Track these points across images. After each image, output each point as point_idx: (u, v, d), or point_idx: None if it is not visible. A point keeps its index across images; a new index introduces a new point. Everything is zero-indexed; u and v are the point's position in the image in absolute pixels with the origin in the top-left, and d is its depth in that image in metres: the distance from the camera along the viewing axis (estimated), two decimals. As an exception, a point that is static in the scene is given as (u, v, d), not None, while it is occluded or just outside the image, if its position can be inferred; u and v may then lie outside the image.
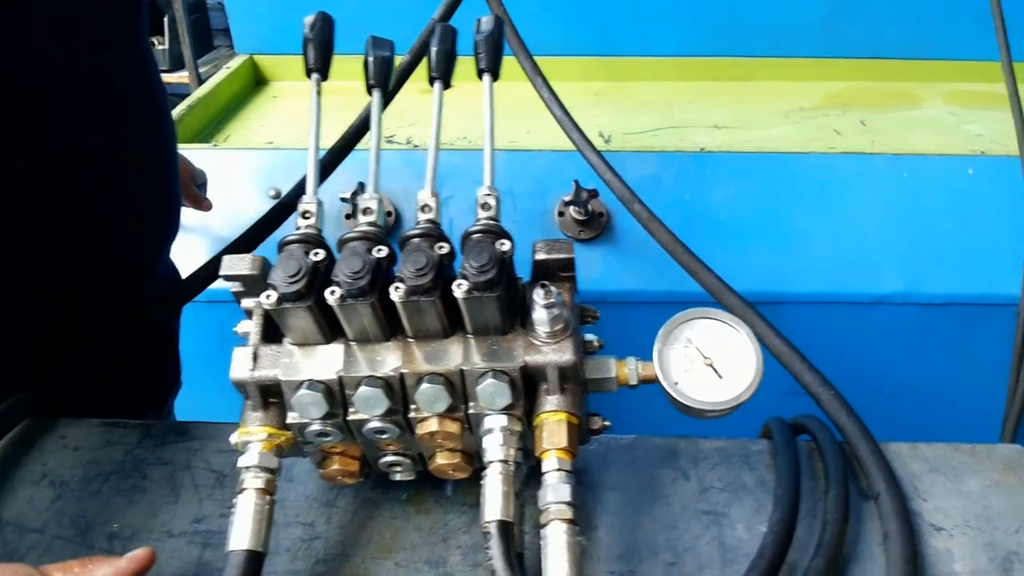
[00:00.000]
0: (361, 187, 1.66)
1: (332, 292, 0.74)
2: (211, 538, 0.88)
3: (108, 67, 0.99)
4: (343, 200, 1.67)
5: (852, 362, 1.69)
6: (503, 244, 0.75)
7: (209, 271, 1.21)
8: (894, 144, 1.84)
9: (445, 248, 0.76)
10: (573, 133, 1.44)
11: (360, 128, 1.37)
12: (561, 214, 1.73)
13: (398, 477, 0.89)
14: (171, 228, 1.18)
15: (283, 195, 1.72)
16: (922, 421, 1.82)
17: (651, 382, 0.82)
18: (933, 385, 1.79)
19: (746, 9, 2.16)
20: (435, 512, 0.90)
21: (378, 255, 0.76)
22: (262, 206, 1.69)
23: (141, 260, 1.14)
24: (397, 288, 0.73)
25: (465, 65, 0.87)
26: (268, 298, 0.74)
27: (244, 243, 1.26)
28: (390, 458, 0.86)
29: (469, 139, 1.89)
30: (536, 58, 1.48)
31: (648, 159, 1.76)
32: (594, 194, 1.66)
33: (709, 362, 0.81)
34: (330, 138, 1.30)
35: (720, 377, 0.80)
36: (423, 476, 0.89)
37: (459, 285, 0.73)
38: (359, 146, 1.30)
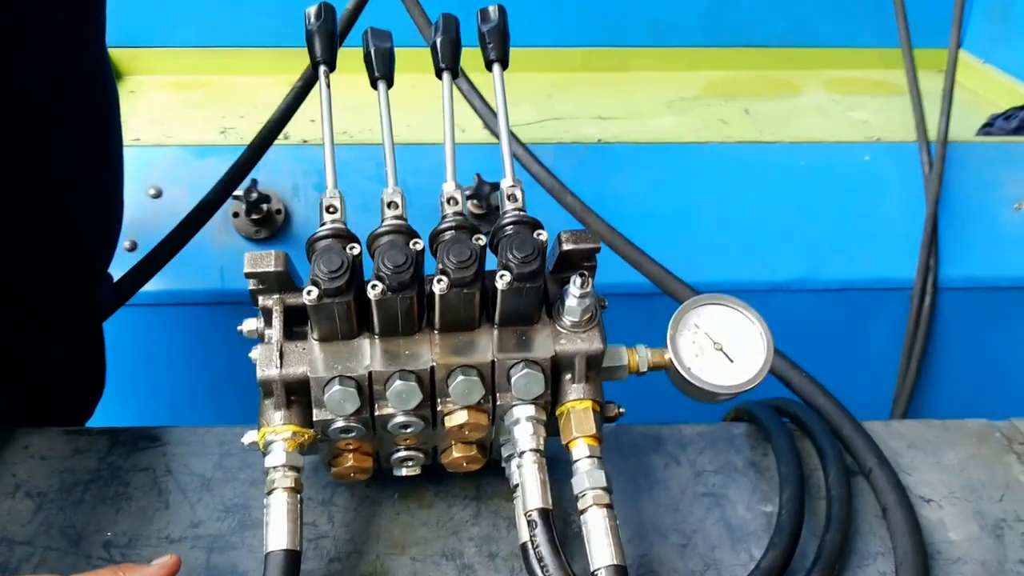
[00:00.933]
0: (254, 184, 1.67)
1: (374, 287, 0.77)
2: (215, 541, 0.90)
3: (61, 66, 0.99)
4: (235, 198, 1.67)
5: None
6: (541, 234, 0.81)
7: (138, 276, 1.21)
8: (782, 132, 1.99)
9: (482, 240, 0.81)
10: (495, 125, 1.50)
11: (281, 120, 1.39)
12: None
13: (405, 472, 0.93)
14: (119, 228, 1.18)
15: (163, 192, 1.73)
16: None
17: (661, 369, 0.90)
18: (828, 369, 1.95)
19: (623, -1, 2.27)
20: (438, 506, 0.95)
21: (416, 248, 0.80)
22: (143, 206, 1.68)
23: (92, 265, 1.14)
24: (440, 281, 0.78)
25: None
26: (310, 294, 0.77)
27: (170, 244, 1.27)
28: (403, 453, 0.90)
29: (350, 134, 1.92)
30: (412, 50, 1.54)
31: (546, 151, 1.83)
32: (495, 187, 1.73)
33: (719, 346, 0.90)
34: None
35: (731, 361, 0.89)
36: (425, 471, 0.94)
37: (502, 276, 0.79)
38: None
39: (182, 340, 1.76)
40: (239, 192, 1.65)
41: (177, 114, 2.05)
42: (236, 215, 1.71)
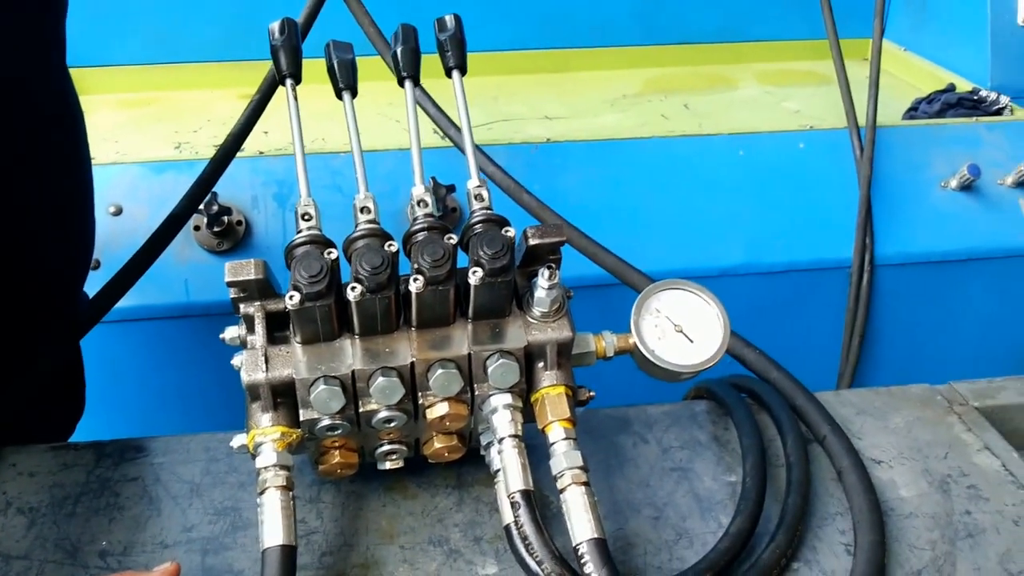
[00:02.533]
0: (214, 197, 1.67)
1: (353, 289, 0.79)
2: (208, 544, 0.91)
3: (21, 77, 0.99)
4: (196, 212, 1.67)
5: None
6: (509, 231, 0.84)
7: (111, 293, 1.21)
8: (720, 125, 2.02)
9: (454, 239, 0.83)
10: (449, 128, 1.52)
11: (242, 133, 1.39)
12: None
13: (388, 465, 0.95)
14: (92, 244, 1.18)
15: (123, 210, 1.73)
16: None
17: (626, 353, 0.93)
18: (777, 347, 1.99)
19: (561, 2, 2.30)
20: (421, 496, 0.97)
21: (391, 250, 0.82)
22: (105, 224, 1.67)
23: (66, 282, 1.14)
24: (416, 280, 0.80)
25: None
26: (292, 299, 0.79)
27: (140, 261, 1.27)
28: (387, 447, 0.92)
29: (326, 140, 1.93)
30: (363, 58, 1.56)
31: (497, 152, 1.85)
32: (452, 189, 1.75)
33: (680, 328, 0.93)
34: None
35: (691, 341, 0.92)
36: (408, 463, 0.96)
37: (474, 272, 0.81)
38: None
39: (152, 354, 1.75)
40: (200, 206, 1.66)
41: (130, 131, 2.04)
42: (197, 228, 1.71)
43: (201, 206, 1.65)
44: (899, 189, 1.86)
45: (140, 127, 2.07)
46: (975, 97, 1.99)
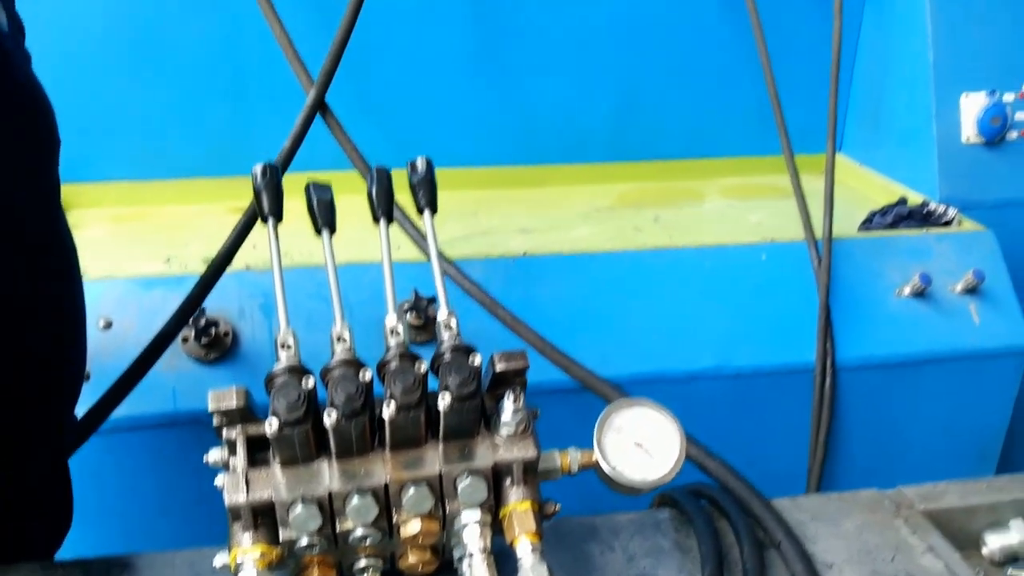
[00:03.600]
0: (202, 310, 1.71)
1: (330, 415, 0.83)
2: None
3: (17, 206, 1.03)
4: (187, 325, 1.71)
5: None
6: (475, 359, 0.88)
7: (100, 410, 1.25)
8: (689, 237, 2.08)
9: (424, 367, 0.87)
10: (426, 246, 1.57)
11: (227, 255, 1.44)
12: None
13: (364, 580, 0.97)
14: (84, 365, 1.21)
15: (113, 323, 1.76)
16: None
17: (590, 468, 0.97)
18: (746, 446, 2.02)
19: (538, 120, 2.38)
20: (398, 609, 0.99)
21: (365, 378, 0.86)
22: (95, 338, 1.70)
23: (61, 402, 1.17)
24: (389, 406, 0.84)
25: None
26: (271, 426, 0.83)
27: (129, 378, 1.30)
28: (364, 562, 0.95)
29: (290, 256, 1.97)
30: (343, 173, 1.62)
31: (475, 266, 1.91)
32: (432, 300, 1.80)
33: (640, 444, 0.96)
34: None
35: (651, 456, 0.96)
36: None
37: (443, 398, 0.85)
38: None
39: (140, 464, 1.77)
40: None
41: (121, 245, 2.06)
42: (185, 340, 1.74)
43: (190, 318, 1.69)
44: (856, 296, 1.91)
45: (130, 241, 2.09)
46: (925, 210, 2.06)
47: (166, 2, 2.07)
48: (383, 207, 0.99)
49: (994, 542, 1.13)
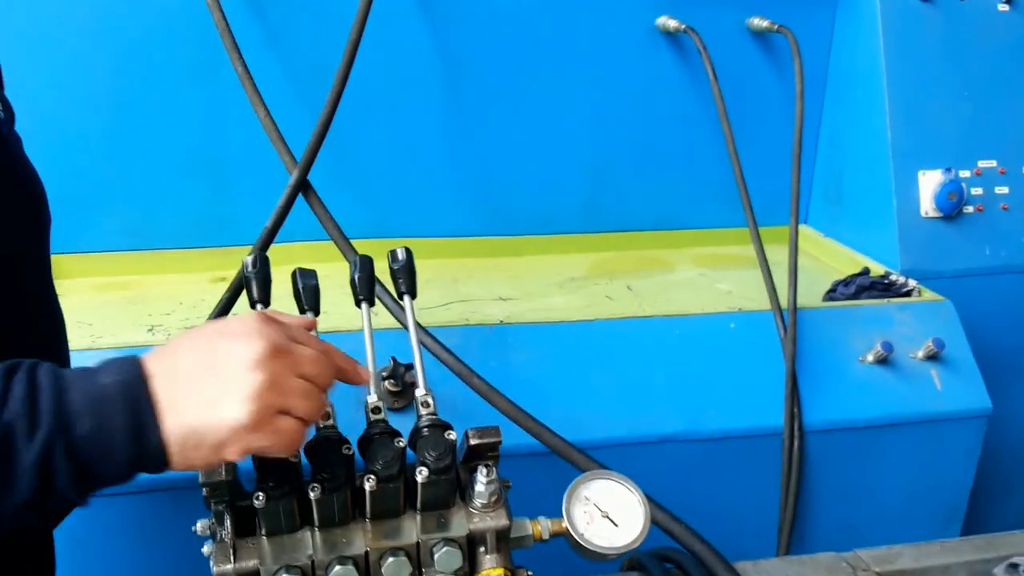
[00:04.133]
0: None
1: (314, 489, 0.88)
2: None
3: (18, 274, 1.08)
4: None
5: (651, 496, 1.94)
6: (451, 434, 0.94)
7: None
8: (660, 306, 2.15)
9: (402, 442, 0.93)
10: (403, 316, 1.62)
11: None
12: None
13: (346, 645, 1.01)
14: None
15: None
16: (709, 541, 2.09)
17: (560, 535, 1.02)
18: (716, 509, 2.06)
19: (514, 193, 2.45)
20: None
21: (347, 453, 0.91)
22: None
23: None
24: (369, 480, 0.89)
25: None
26: (258, 499, 0.87)
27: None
28: (345, 627, 0.99)
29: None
30: (318, 244, 1.67)
31: (454, 333, 1.95)
32: (409, 367, 1.84)
33: (605, 514, 1.02)
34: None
35: (616, 525, 1.01)
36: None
37: (420, 472, 0.90)
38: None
39: (125, 529, 1.79)
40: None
41: (105, 315, 2.06)
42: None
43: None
44: (821, 363, 1.97)
45: (115, 310, 2.09)
46: (886, 280, 2.13)
47: (153, 80, 2.12)
48: (365, 292, 1.04)
49: (947, 603, 1.18)
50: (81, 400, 0.76)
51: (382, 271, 1.15)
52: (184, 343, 0.84)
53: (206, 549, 0.93)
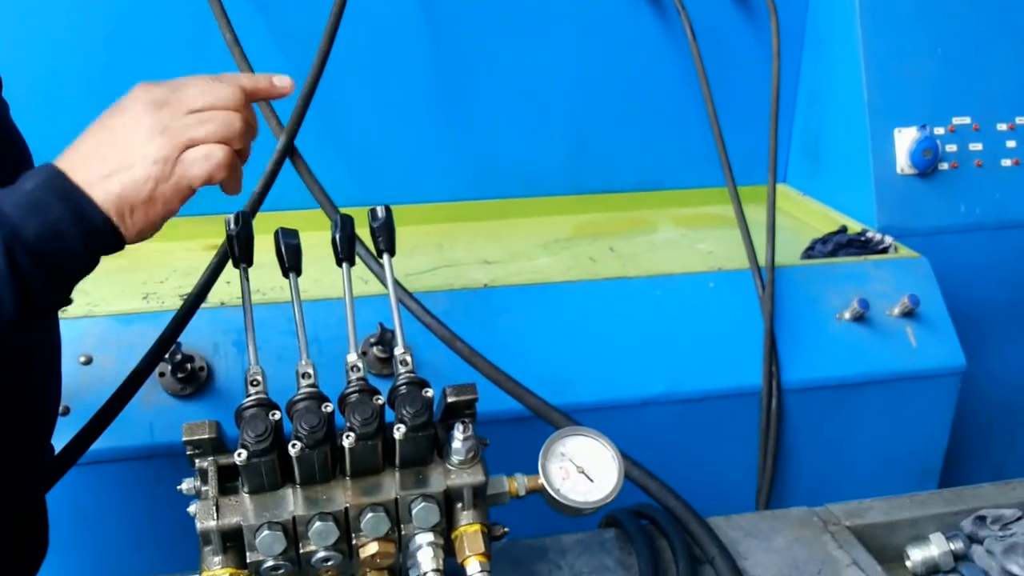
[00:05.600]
0: (178, 345, 1.76)
1: (294, 446, 0.89)
2: None
3: None
4: (164, 360, 1.75)
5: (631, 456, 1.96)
6: (428, 392, 0.95)
7: (77, 446, 1.29)
8: (643, 266, 2.16)
9: (381, 400, 0.94)
10: (382, 274, 1.62)
11: (199, 295, 1.48)
12: (365, 353, 1.88)
13: (328, 599, 1.03)
14: (57, 405, 1.26)
15: (93, 359, 1.79)
16: (691, 500, 2.11)
17: (536, 492, 1.03)
18: (697, 469, 2.09)
19: (498, 157, 2.45)
20: (360, 626, 1.05)
21: (327, 411, 0.92)
22: (76, 373, 1.74)
23: (35, 437, 1.21)
24: (348, 437, 0.90)
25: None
26: (240, 456, 0.88)
27: (104, 415, 1.34)
28: (327, 582, 1.01)
29: (263, 292, 2.02)
30: (314, 212, 1.68)
31: (439, 298, 1.96)
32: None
33: (581, 469, 1.03)
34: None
35: (591, 481, 1.02)
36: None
37: (398, 428, 0.91)
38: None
39: (119, 495, 1.80)
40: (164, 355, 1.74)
41: (101, 284, 2.07)
42: (162, 375, 1.78)
43: (165, 355, 1.74)
44: (799, 321, 1.99)
45: (110, 279, 2.11)
46: (863, 238, 2.15)
47: (142, 49, 2.12)
48: (346, 252, 1.05)
49: (916, 555, 1.20)
50: (15, 207, 0.81)
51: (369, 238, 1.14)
52: (83, 134, 0.91)
53: (192, 508, 0.95)
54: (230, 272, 1.54)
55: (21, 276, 0.80)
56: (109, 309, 1.87)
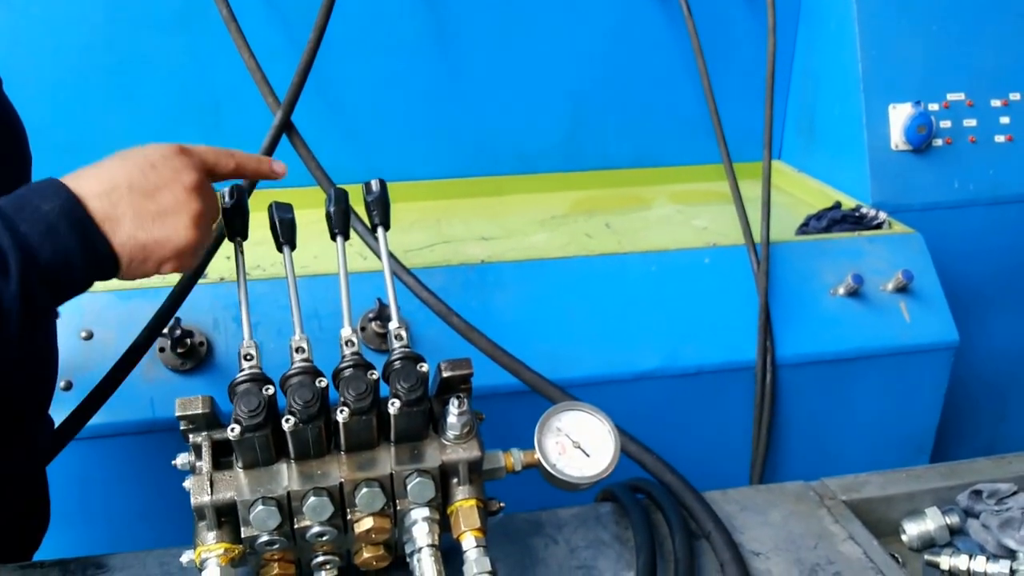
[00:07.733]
0: (178, 321, 1.74)
1: (287, 420, 0.87)
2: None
3: None
4: (161, 335, 1.73)
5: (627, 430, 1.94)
6: (422, 366, 0.92)
7: (77, 419, 1.27)
8: (638, 242, 2.13)
9: (376, 374, 0.91)
10: (377, 248, 1.60)
11: (196, 272, 1.46)
12: (363, 329, 1.86)
13: (324, 575, 1.01)
14: (55, 377, 1.24)
15: (94, 334, 1.77)
16: (686, 474, 2.10)
17: (532, 467, 1.01)
18: (693, 444, 2.07)
19: (496, 134, 2.42)
20: (358, 602, 1.03)
21: (321, 385, 0.90)
22: (77, 348, 1.72)
23: (30, 414, 1.19)
24: (342, 411, 0.88)
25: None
26: (233, 431, 0.86)
27: (104, 388, 1.32)
28: (322, 558, 0.98)
29: (263, 268, 1.99)
30: (312, 189, 1.65)
31: (436, 273, 1.94)
32: (396, 309, 1.83)
33: (577, 444, 1.00)
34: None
35: (588, 456, 1.00)
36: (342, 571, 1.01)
37: (392, 403, 0.89)
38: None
39: (119, 469, 1.79)
40: (164, 329, 1.72)
41: None
42: (162, 350, 1.76)
43: (165, 330, 1.71)
44: (794, 297, 1.96)
45: None
46: (858, 213, 2.12)
47: (141, 29, 2.08)
48: (340, 225, 1.02)
49: (912, 529, 1.18)
50: (33, 231, 0.81)
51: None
52: (115, 164, 0.90)
53: (187, 483, 0.92)
54: (230, 247, 1.52)
55: (30, 296, 0.81)
56: (109, 284, 1.85)
